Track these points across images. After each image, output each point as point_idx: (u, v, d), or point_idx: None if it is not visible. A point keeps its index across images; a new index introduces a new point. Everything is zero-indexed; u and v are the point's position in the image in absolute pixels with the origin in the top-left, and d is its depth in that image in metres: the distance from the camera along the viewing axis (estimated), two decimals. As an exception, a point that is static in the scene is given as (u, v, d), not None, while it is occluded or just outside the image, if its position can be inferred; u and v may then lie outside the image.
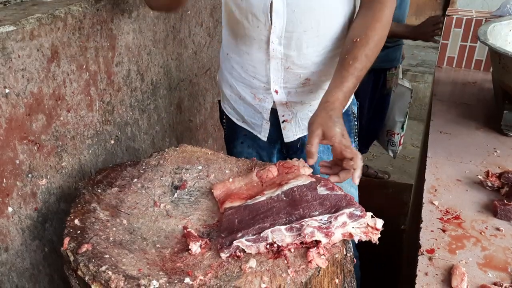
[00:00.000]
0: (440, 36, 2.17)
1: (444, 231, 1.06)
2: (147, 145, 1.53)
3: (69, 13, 1.08)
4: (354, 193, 1.39)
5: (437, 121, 1.59)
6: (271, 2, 1.12)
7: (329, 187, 0.93)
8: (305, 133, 1.32)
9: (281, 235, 0.84)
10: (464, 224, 1.08)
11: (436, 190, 1.21)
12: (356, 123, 1.38)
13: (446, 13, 2.11)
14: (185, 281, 0.78)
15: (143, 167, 1.12)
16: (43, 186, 1.09)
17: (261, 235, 0.84)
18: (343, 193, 0.92)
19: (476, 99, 1.78)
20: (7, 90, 0.94)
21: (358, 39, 1.09)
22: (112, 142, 1.34)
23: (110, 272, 0.78)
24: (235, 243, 0.84)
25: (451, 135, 1.49)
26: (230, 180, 1.05)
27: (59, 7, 1.06)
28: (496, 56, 1.47)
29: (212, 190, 1.03)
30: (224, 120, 1.49)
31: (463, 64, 2.10)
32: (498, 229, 1.06)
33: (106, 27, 1.22)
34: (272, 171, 1.05)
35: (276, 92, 1.26)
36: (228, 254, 0.84)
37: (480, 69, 2.08)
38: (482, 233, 1.05)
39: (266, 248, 0.84)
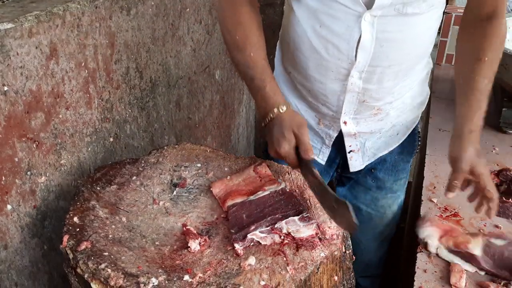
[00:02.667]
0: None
1: (443, 228, 1.07)
2: (146, 142, 1.53)
3: (68, 10, 1.07)
4: (396, 211, 1.40)
5: (436, 118, 1.59)
6: (360, 36, 1.01)
7: None
8: (371, 160, 1.28)
9: (295, 225, 0.86)
10: (463, 222, 1.08)
11: (435, 187, 1.21)
12: (419, 143, 1.34)
13: (445, 10, 2.10)
14: (184, 279, 0.78)
15: (142, 165, 1.12)
16: (42, 184, 1.09)
17: (276, 226, 0.86)
18: None
19: (475, 96, 1.78)
20: (5, 88, 0.94)
21: (486, 58, 1.02)
22: (111, 139, 1.34)
23: (109, 270, 0.78)
24: (249, 236, 0.85)
25: (450, 133, 1.48)
26: (228, 177, 1.05)
27: (58, 4, 1.06)
28: (495, 53, 1.46)
29: (211, 189, 1.03)
30: None
31: (462, 61, 2.09)
32: (496, 226, 1.06)
33: (104, 25, 1.22)
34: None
35: (345, 123, 1.18)
36: (242, 247, 0.84)
37: (479, 67, 2.08)
38: (481, 230, 1.05)
39: (281, 239, 0.86)
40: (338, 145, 1.25)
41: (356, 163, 1.27)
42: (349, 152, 1.24)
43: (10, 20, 0.94)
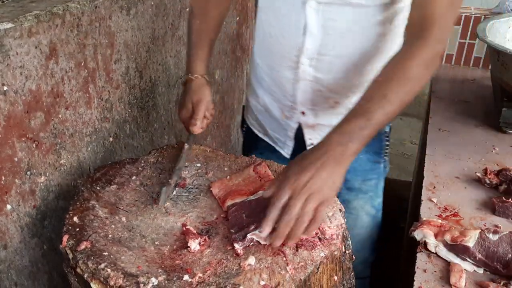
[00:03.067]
0: None
1: (442, 228, 1.07)
2: (145, 142, 1.53)
3: (67, 10, 1.07)
4: (373, 214, 1.37)
5: (435, 118, 1.59)
6: (306, 23, 1.05)
7: None
8: None
9: None
10: (463, 221, 1.08)
11: (434, 187, 1.21)
12: (387, 143, 1.32)
13: (445, 10, 2.10)
14: (184, 279, 0.78)
15: (142, 165, 1.12)
16: (41, 184, 1.09)
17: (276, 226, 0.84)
18: None
19: (474, 96, 1.78)
20: (5, 88, 0.94)
21: (380, 78, 0.93)
22: (111, 139, 1.34)
23: (109, 270, 0.78)
24: (249, 236, 0.84)
25: (449, 133, 1.49)
26: (228, 177, 1.05)
27: (57, 4, 1.06)
28: (495, 53, 1.47)
29: (211, 189, 1.03)
30: (244, 129, 1.45)
31: (462, 61, 2.10)
32: (496, 226, 1.06)
33: (104, 24, 1.22)
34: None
35: (303, 113, 1.20)
36: (242, 246, 0.84)
37: (479, 67, 2.08)
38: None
39: None
40: (300, 138, 1.26)
41: None
42: (309, 146, 1.24)
43: (9, 19, 0.94)
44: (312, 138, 1.24)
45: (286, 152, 1.31)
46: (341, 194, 1.30)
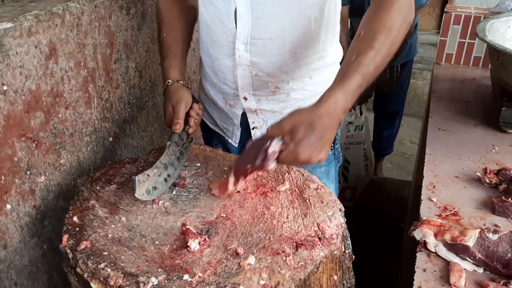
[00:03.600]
0: None
1: (442, 227, 1.07)
2: (145, 142, 1.53)
3: (67, 9, 1.07)
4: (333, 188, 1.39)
5: (435, 118, 1.59)
6: (236, 8, 1.08)
7: None
8: None
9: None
10: (463, 221, 1.08)
11: (434, 187, 1.21)
12: (337, 131, 1.32)
13: (445, 9, 2.10)
14: (184, 278, 0.78)
15: (142, 164, 1.12)
16: (41, 184, 1.09)
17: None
18: None
19: (474, 96, 1.78)
20: (5, 87, 0.94)
21: (362, 32, 0.95)
22: (111, 139, 1.34)
23: (109, 269, 0.78)
24: (269, 150, 0.87)
25: (449, 132, 1.49)
26: (225, 177, 1.05)
27: (57, 3, 1.06)
28: (494, 53, 1.47)
29: (210, 187, 1.03)
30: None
31: (462, 61, 2.10)
32: (496, 225, 1.06)
33: (104, 24, 1.22)
34: None
35: (245, 98, 1.23)
36: (273, 163, 0.88)
37: (479, 66, 2.08)
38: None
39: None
40: (246, 126, 1.30)
41: None
42: (252, 129, 1.29)
43: (9, 19, 0.94)
44: (255, 122, 1.28)
45: (234, 141, 1.35)
46: None
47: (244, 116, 1.28)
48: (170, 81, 1.15)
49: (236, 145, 1.35)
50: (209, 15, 1.16)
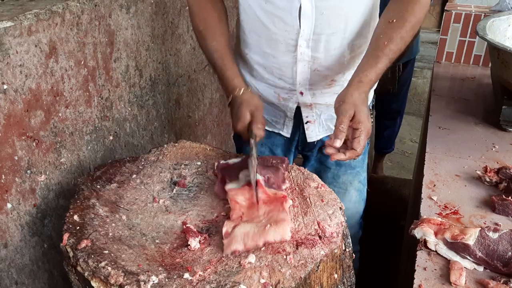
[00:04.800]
0: None
1: (442, 226, 1.07)
2: (146, 141, 1.53)
3: (67, 8, 1.07)
4: (361, 189, 1.42)
5: (435, 116, 1.59)
6: (300, 5, 1.10)
7: None
8: (328, 133, 1.34)
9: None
10: (463, 219, 1.08)
11: (434, 185, 1.21)
12: (372, 119, 1.38)
13: (445, 8, 2.10)
14: (184, 277, 0.78)
15: (142, 163, 1.12)
16: (42, 182, 1.09)
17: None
18: None
19: (474, 94, 1.78)
20: (5, 86, 0.94)
21: (394, 20, 1.06)
22: (111, 138, 1.34)
23: (109, 268, 0.79)
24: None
25: (449, 131, 1.49)
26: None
27: (57, 2, 1.06)
28: (495, 51, 1.47)
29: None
30: None
31: (462, 59, 2.10)
32: (496, 224, 1.06)
33: (104, 23, 1.21)
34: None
35: (302, 93, 1.25)
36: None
37: (479, 64, 2.08)
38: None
39: None
40: (297, 120, 1.32)
41: (312, 133, 1.33)
42: (306, 123, 1.31)
43: (9, 18, 0.94)
44: (308, 116, 1.30)
45: (286, 131, 1.36)
46: (331, 169, 1.40)
47: (297, 112, 1.30)
48: (242, 88, 1.16)
49: (289, 136, 1.36)
50: (265, 13, 1.16)
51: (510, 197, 1.10)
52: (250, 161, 1.03)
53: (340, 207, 0.96)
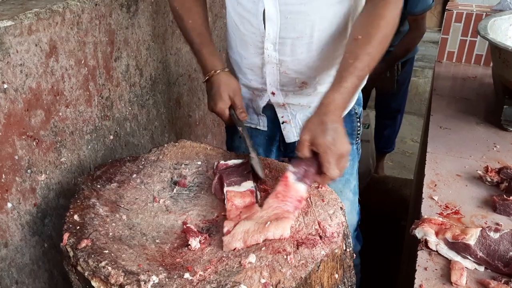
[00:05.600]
0: None
1: (443, 226, 1.06)
2: (146, 140, 1.53)
3: (68, 7, 1.07)
4: (351, 199, 1.39)
5: (436, 116, 1.59)
6: (264, 9, 1.10)
7: None
8: None
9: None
10: (464, 219, 1.08)
11: (435, 185, 1.20)
12: (359, 125, 1.35)
13: (446, 7, 2.10)
14: (184, 277, 0.78)
15: (142, 163, 1.12)
16: (42, 182, 1.09)
17: None
18: None
19: (476, 94, 1.77)
20: (5, 86, 0.94)
21: (359, 37, 1.03)
22: (111, 137, 1.33)
23: (109, 268, 0.78)
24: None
25: (451, 130, 1.49)
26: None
27: (57, 1, 1.06)
28: (496, 50, 1.46)
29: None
30: None
31: (463, 58, 2.09)
32: (497, 224, 1.06)
33: (104, 22, 1.21)
34: None
35: (273, 93, 1.26)
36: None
37: (480, 64, 2.08)
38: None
39: None
40: (273, 118, 1.32)
41: (289, 134, 1.33)
42: (282, 123, 1.32)
43: (9, 17, 0.94)
44: (284, 116, 1.30)
45: (262, 125, 1.37)
46: None
47: (271, 111, 1.31)
48: (218, 70, 1.18)
49: (266, 129, 1.37)
50: (236, 15, 1.18)
51: (511, 197, 1.10)
52: (251, 157, 1.06)
53: (340, 207, 0.96)
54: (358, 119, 1.35)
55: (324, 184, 1.00)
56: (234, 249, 0.85)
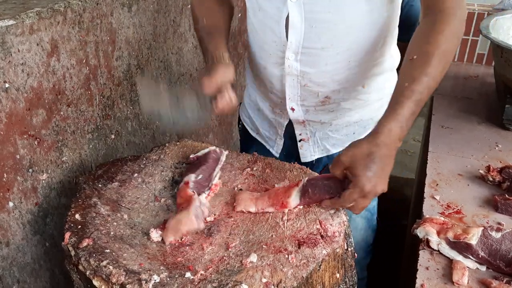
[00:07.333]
0: None
1: (445, 225, 1.06)
2: (147, 139, 1.53)
3: (69, 7, 1.07)
4: (369, 217, 1.35)
5: (438, 115, 1.58)
6: (287, 15, 1.03)
7: None
8: (324, 154, 1.25)
9: None
10: (466, 219, 1.08)
11: (437, 184, 1.20)
12: None
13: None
14: (186, 276, 0.78)
15: (144, 162, 1.12)
16: (43, 181, 1.09)
17: None
18: None
19: (477, 93, 1.77)
20: (7, 85, 0.94)
21: (415, 57, 0.93)
22: (113, 136, 1.33)
23: (111, 267, 0.78)
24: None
25: (452, 130, 1.48)
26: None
27: (59, 1, 1.06)
28: (498, 50, 1.46)
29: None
30: (240, 126, 1.45)
31: (465, 58, 2.09)
32: (499, 223, 1.05)
33: (106, 21, 1.21)
34: None
35: (293, 109, 1.18)
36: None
37: (482, 63, 2.07)
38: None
39: None
40: (291, 135, 1.25)
41: (306, 152, 1.25)
42: (299, 141, 1.24)
43: (11, 16, 0.94)
44: (302, 134, 1.23)
45: (276, 151, 1.30)
46: None
47: (290, 126, 1.23)
48: (220, 57, 1.04)
49: (278, 155, 1.29)
50: (258, 21, 1.11)
51: (513, 197, 1.09)
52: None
53: (342, 207, 0.96)
54: None
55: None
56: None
